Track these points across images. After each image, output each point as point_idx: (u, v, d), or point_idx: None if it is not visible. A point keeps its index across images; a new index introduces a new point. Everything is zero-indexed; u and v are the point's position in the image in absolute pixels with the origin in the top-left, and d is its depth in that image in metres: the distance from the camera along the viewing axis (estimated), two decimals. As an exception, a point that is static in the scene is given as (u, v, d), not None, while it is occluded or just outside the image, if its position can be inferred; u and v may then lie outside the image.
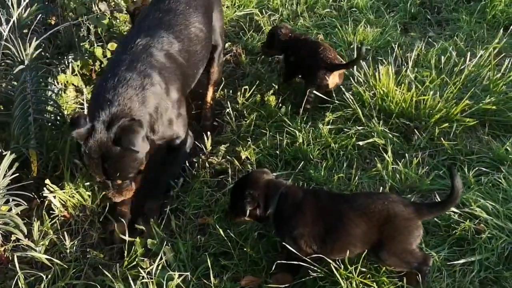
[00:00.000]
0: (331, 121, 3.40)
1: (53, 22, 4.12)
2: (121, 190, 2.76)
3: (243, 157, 3.23)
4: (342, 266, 2.35)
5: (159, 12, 3.19)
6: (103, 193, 2.92)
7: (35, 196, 3.00)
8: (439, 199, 2.72)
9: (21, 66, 2.97)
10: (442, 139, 3.18)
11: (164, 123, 2.90)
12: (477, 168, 2.93)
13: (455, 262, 2.46)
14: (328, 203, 2.38)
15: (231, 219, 2.71)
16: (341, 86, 3.62)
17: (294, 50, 3.76)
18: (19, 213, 2.75)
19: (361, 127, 3.31)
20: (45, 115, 3.27)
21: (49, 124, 3.30)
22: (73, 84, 3.92)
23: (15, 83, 3.02)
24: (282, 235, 2.44)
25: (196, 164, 3.23)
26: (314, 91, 3.51)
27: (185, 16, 3.23)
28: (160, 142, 2.92)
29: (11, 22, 3.19)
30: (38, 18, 3.36)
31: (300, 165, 3.11)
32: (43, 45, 3.55)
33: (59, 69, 3.90)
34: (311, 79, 3.54)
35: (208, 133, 3.36)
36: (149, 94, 2.77)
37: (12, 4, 3.30)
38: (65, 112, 3.53)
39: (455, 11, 4.99)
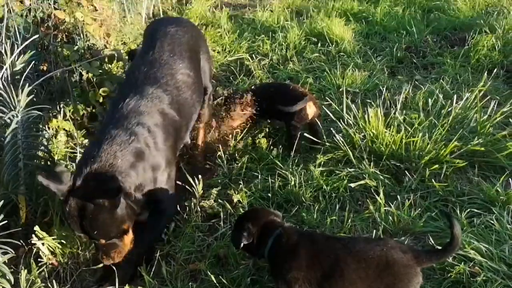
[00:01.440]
0: (322, 163, 3.42)
1: (45, 68, 4.16)
2: (108, 252, 2.62)
3: (235, 200, 3.21)
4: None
5: (144, 66, 3.15)
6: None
7: (23, 243, 2.93)
8: (432, 241, 2.70)
9: (13, 113, 2.97)
10: (433, 180, 3.20)
11: (150, 183, 2.80)
12: (469, 210, 2.94)
13: (451, 306, 2.42)
14: (325, 247, 2.34)
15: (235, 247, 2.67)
16: (331, 129, 3.66)
17: (268, 97, 3.81)
18: (6, 261, 2.68)
19: (353, 169, 3.33)
20: (35, 160, 3.24)
21: (39, 169, 3.27)
22: (64, 129, 3.92)
23: (7, 129, 3.01)
24: (276, 277, 2.40)
25: (188, 208, 3.20)
26: (304, 133, 3.55)
27: (170, 65, 3.20)
28: (145, 201, 2.79)
29: (4, 69, 3.21)
30: (31, 65, 3.40)
31: (294, 209, 3.09)
32: (35, 91, 3.57)
33: (51, 114, 3.91)
34: (290, 115, 3.60)
35: (200, 176, 3.35)
36: (135, 152, 2.71)
37: (5, 52, 3.34)
38: (56, 157, 3.51)
39: (440, 55, 5.14)
